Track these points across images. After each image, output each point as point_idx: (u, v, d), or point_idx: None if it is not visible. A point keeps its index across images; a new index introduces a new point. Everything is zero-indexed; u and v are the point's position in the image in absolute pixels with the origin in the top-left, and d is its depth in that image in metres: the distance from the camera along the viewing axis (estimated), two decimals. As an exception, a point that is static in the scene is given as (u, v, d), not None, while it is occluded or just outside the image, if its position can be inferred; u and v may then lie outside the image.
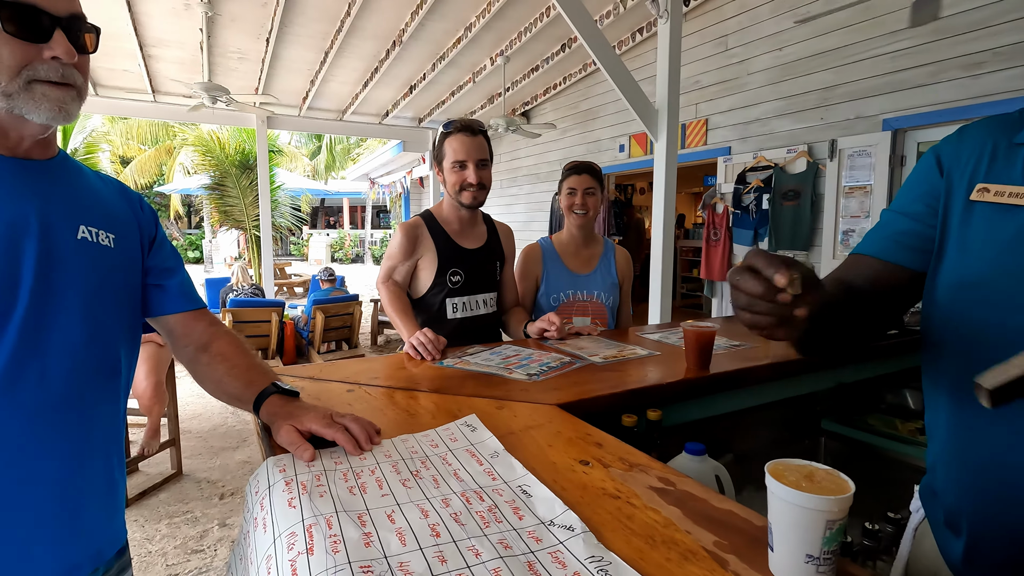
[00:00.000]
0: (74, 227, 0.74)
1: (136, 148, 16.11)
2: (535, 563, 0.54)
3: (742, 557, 0.56)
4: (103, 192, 0.83)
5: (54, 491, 0.72)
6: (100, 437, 0.79)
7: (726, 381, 1.27)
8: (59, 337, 0.72)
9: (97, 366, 0.77)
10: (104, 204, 0.82)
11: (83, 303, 0.74)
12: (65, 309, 0.72)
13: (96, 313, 0.76)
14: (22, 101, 0.66)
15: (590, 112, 6.01)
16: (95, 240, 0.77)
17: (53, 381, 0.71)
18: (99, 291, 0.77)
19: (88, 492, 0.77)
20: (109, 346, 0.79)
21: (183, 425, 3.70)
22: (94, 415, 0.77)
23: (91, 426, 0.77)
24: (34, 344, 0.69)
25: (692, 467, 0.88)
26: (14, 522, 0.68)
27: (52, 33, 0.67)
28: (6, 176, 0.70)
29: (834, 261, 3.66)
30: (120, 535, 0.86)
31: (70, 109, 0.70)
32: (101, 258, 0.77)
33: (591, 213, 1.90)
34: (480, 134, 1.65)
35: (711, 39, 4.47)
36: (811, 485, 0.50)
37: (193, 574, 2.22)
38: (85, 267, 0.75)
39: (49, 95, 0.68)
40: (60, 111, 0.69)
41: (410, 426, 0.91)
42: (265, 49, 5.10)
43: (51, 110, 0.68)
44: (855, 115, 3.52)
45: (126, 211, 0.86)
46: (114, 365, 0.81)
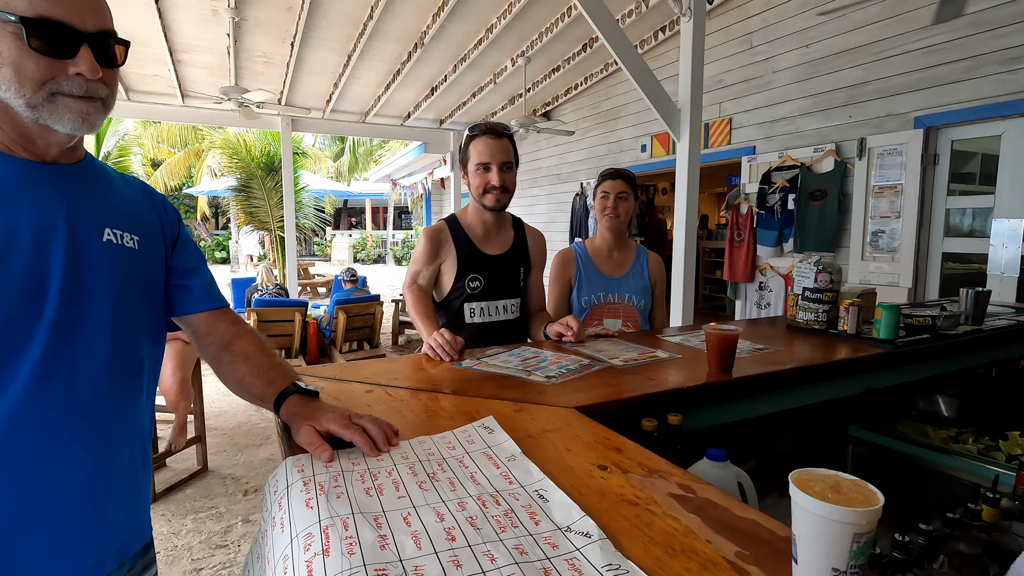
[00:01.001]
0: (100, 230, 0.76)
1: (166, 151, 16.54)
2: (551, 570, 0.54)
3: (765, 569, 0.54)
4: (128, 194, 0.85)
5: (82, 488, 0.73)
6: (126, 435, 0.80)
7: (749, 385, 1.25)
8: (87, 338, 0.73)
9: (123, 365, 0.79)
10: (128, 206, 0.83)
11: (109, 304, 0.76)
12: (92, 310, 0.74)
13: (122, 314, 0.78)
14: (46, 112, 0.68)
15: (611, 112, 5.97)
16: (120, 242, 0.78)
17: (81, 380, 0.72)
18: (125, 292, 0.79)
19: (114, 489, 0.78)
20: (134, 346, 0.81)
21: (209, 422, 3.78)
22: (119, 413, 0.79)
23: (117, 424, 0.78)
24: (63, 344, 0.70)
25: (713, 474, 0.86)
26: (45, 519, 0.70)
27: (78, 49, 0.68)
28: (34, 181, 0.71)
29: (862, 263, 3.57)
30: (145, 531, 0.87)
31: (94, 120, 0.72)
32: (126, 260, 0.79)
33: (623, 217, 1.94)
34: (505, 137, 1.65)
35: (735, 37, 4.40)
36: (838, 496, 0.49)
37: (217, 569, 2.26)
38: (111, 269, 0.76)
39: (72, 107, 0.70)
40: (84, 122, 0.71)
41: (428, 427, 0.91)
42: (290, 53, 5.18)
43: (74, 121, 0.70)
44: (886, 113, 3.43)
45: (150, 212, 0.88)
46: (139, 364, 0.82)
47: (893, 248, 3.44)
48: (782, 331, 1.80)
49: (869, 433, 1.44)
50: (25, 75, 0.66)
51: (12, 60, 0.65)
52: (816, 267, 1.73)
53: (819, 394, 1.41)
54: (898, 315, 1.55)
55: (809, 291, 1.75)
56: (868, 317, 1.71)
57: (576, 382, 1.18)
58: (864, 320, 1.67)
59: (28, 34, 0.64)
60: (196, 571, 2.24)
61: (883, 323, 1.55)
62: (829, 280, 1.73)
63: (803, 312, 1.78)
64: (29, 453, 0.68)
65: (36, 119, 0.68)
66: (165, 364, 2.93)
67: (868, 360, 1.46)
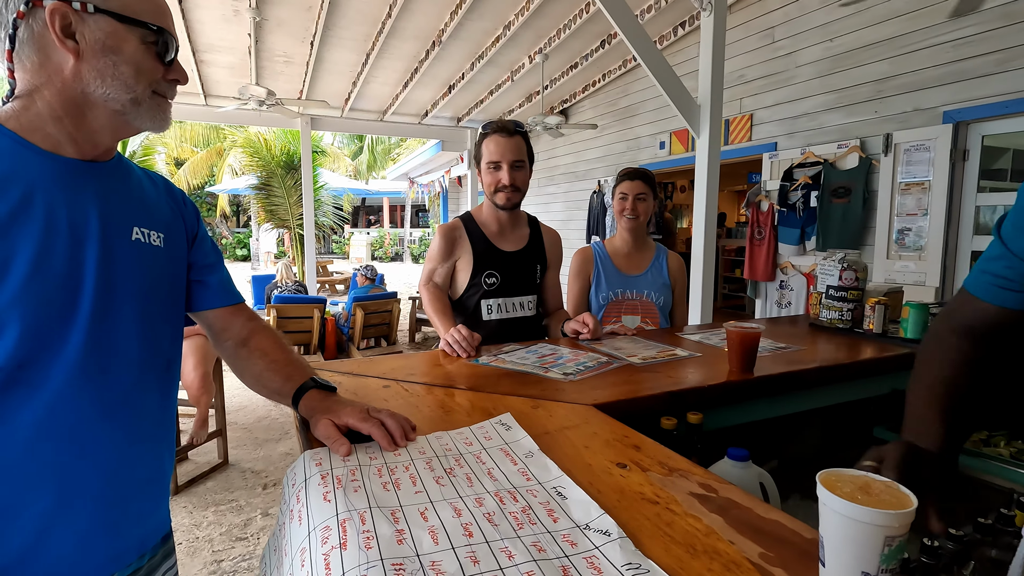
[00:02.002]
0: (128, 229, 0.78)
1: (189, 150, 16.84)
2: (569, 568, 0.53)
3: (790, 571, 0.53)
4: (152, 192, 0.86)
5: (110, 481, 0.75)
6: (151, 429, 0.82)
7: (771, 385, 1.22)
8: (117, 336, 0.75)
9: (150, 361, 0.80)
10: (153, 205, 0.85)
11: (138, 302, 0.78)
12: (122, 309, 0.75)
13: (149, 311, 0.80)
14: (144, 110, 0.75)
15: (629, 109, 5.91)
16: (147, 241, 0.80)
17: (112, 377, 0.74)
18: (152, 290, 0.80)
19: (139, 482, 0.79)
20: (160, 342, 0.83)
21: (229, 417, 3.84)
22: (146, 408, 0.80)
23: (143, 419, 0.80)
24: (96, 343, 0.72)
25: (735, 473, 0.84)
26: (76, 512, 0.71)
27: (175, 59, 0.78)
28: (73, 179, 0.73)
29: (887, 261, 3.49)
30: (165, 523, 0.89)
31: (168, 121, 0.80)
32: (152, 258, 0.81)
33: (642, 218, 1.94)
34: (518, 135, 1.64)
35: (756, 31, 4.32)
36: (867, 498, 0.47)
37: (237, 560, 2.29)
38: (139, 267, 0.78)
39: (163, 108, 0.78)
40: (166, 122, 0.79)
41: (445, 423, 0.91)
42: (309, 52, 5.22)
43: (162, 121, 0.78)
44: (912, 107, 3.34)
45: (172, 209, 0.89)
46: (164, 360, 0.84)
47: (920, 246, 3.35)
48: (804, 330, 1.76)
49: (895, 435, 1.41)
50: (143, 75, 0.73)
51: (135, 61, 0.72)
52: (841, 264, 1.69)
53: (843, 394, 1.37)
54: (927, 314, 1.51)
55: (833, 289, 1.71)
56: (894, 316, 1.67)
57: (594, 379, 1.17)
58: (890, 319, 1.63)
59: (159, 41, 0.74)
60: (217, 563, 2.28)
61: (911, 322, 1.51)
62: (854, 278, 1.69)
63: (827, 311, 1.74)
64: (64, 449, 0.69)
65: (125, 114, 0.74)
66: (187, 359, 2.98)
67: (895, 360, 1.42)
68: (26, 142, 0.69)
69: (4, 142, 0.68)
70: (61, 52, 0.68)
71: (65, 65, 0.69)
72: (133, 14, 0.71)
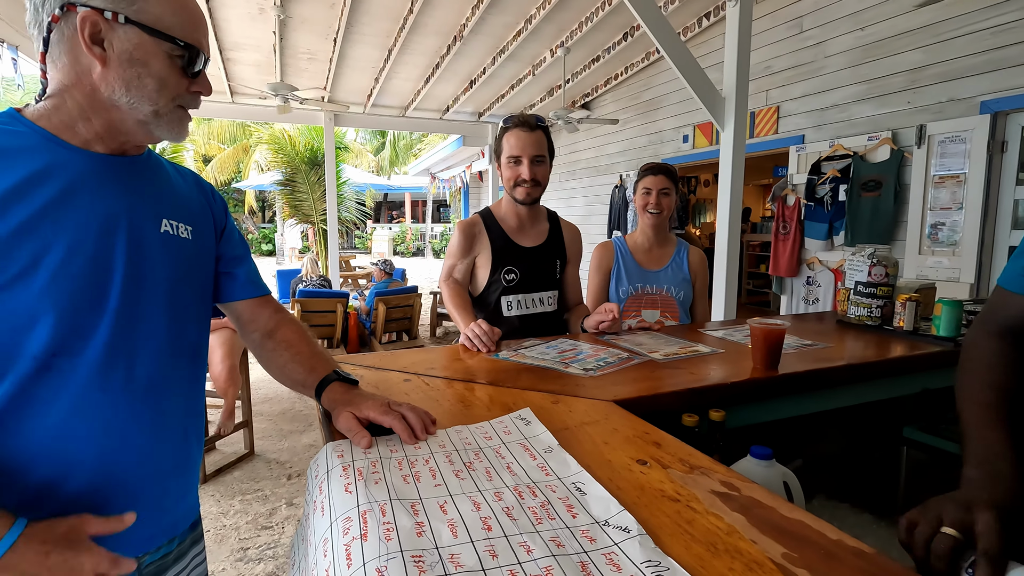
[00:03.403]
0: (158, 221, 0.79)
1: (216, 147, 17.18)
2: (588, 564, 0.53)
3: (814, 572, 0.52)
4: (181, 185, 0.88)
5: (140, 468, 0.77)
6: (179, 418, 0.84)
7: (796, 382, 1.20)
8: (145, 326, 0.77)
9: (177, 351, 0.82)
10: (182, 197, 0.86)
11: (166, 293, 0.79)
12: (151, 300, 0.77)
13: (177, 302, 0.81)
14: (164, 122, 0.75)
15: (653, 102, 5.84)
16: (176, 233, 0.82)
17: (140, 367, 0.76)
18: (180, 281, 0.82)
19: (168, 469, 0.82)
20: (187, 332, 0.85)
21: (255, 408, 3.92)
22: (174, 397, 0.82)
23: (172, 407, 0.82)
24: (125, 333, 0.74)
25: (758, 472, 0.83)
26: (108, 497, 0.73)
27: (201, 72, 0.78)
28: (104, 175, 0.74)
29: (919, 257, 3.39)
30: (194, 509, 0.91)
31: (187, 132, 0.81)
32: (180, 250, 0.82)
33: (664, 213, 1.92)
34: (539, 129, 1.63)
35: (784, 21, 4.22)
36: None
37: (263, 549, 2.35)
38: (167, 259, 0.80)
39: (183, 119, 0.78)
40: (185, 132, 0.80)
41: (464, 417, 0.92)
42: (333, 49, 5.27)
43: (181, 132, 0.79)
44: (947, 98, 3.23)
45: (201, 202, 0.91)
46: (191, 350, 0.86)
47: (954, 241, 3.25)
48: (832, 327, 1.72)
49: (926, 435, 1.37)
50: (167, 89, 0.74)
51: (160, 75, 0.73)
52: (870, 260, 1.65)
53: (872, 393, 1.34)
54: (960, 311, 1.47)
55: (862, 285, 1.67)
56: (926, 313, 1.62)
57: (614, 375, 1.16)
58: (922, 316, 1.58)
59: (187, 57, 0.74)
60: (243, 550, 2.34)
61: (944, 319, 1.47)
62: (884, 274, 1.64)
63: (855, 307, 1.70)
64: (94, 435, 0.72)
65: (147, 123, 0.75)
66: (215, 352, 3.05)
67: (926, 358, 1.38)
68: (58, 139, 0.71)
69: (37, 139, 0.70)
70: (89, 57, 0.70)
71: (93, 69, 0.71)
72: (164, 28, 0.71)
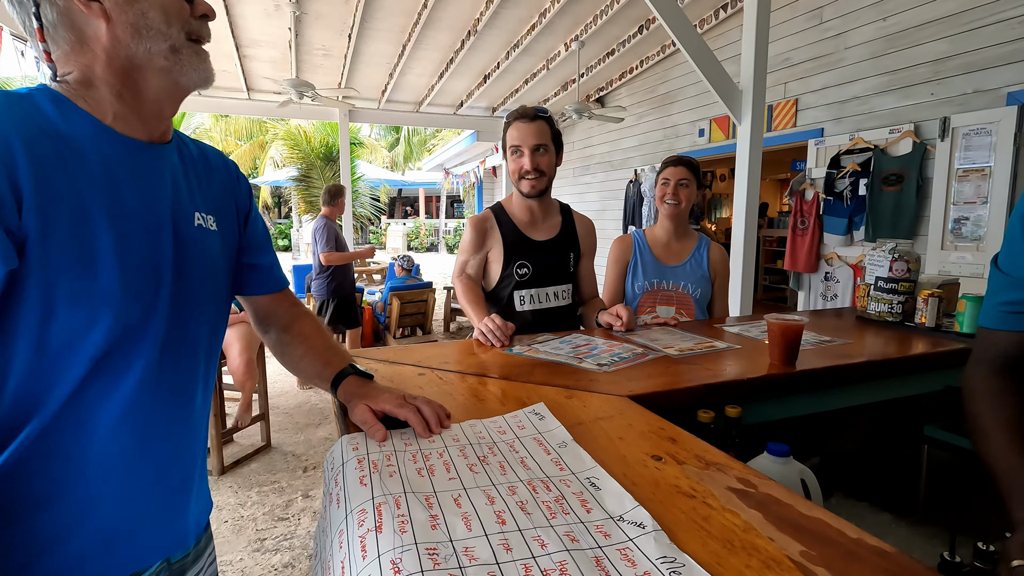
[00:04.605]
0: (191, 215, 0.76)
1: (233, 143, 17.37)
2: (603, 559, 0.52)
3: (833, 571, 0.51)
4: (208, 172, 0.84)
5: (179, 466, 0.76)
6: (201, 411, 0.83)
7: (814, 379, 1.18)
8: (188, 323, 0.75)
9: (212, 348, 0.81)
10: (210, 186, 0.83)
11: (203, 288, 0.77)
12: (192, 295, 0.75)
13: (211, 297, 0.79)
14: (184, 59, 0.70)
15: (668, 96, 5.78)
16: (206, 226, 0.78)
17: (183, 366, 0.75)
18: (213, 275, 0.80)
19: (198, 465, 0.81)
20: (220, 326, 0.84)
21: (272, 401, 3.97)
22: (205, 394, 0.82)
23: (202, 404, 0.81)
24: (172, 331, 0.72)
25: (774, 469, 0.82)
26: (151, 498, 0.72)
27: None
28: (148, 164, 0.71)
29: (942, 252, 3.32)
30: (209, 505, 0.90)
31: (212, 73, 0.74)
32: (211, 243, 0.79)
33: (683, 205, 1.89)
34: (540, 119, 1.61)
35: (803, 12, 4.14)
36: None
37: (279, 540, 2.38)
38: (201, 253, 0.77)
39: (203, 56, 0.72)
40: (210, 73, 0.73)
41: (478, 411, 0.92)
42: (347, 45, 5.29)
43: (206, 72, 0.72)
44: (973, 89, 3.15)
45: (225, 188, 0.86)
46: (216, 348, 0.84)
47: (978, 236, 3.17)
48: (851, 323, 1.70)
49: (948, 434, 1.34)
50: (171, 13, 0.68)
51: (161, 3, 0.67)
52: (891, 255, 1.62)
53: (892, 390, 1.32)
54: (985, 308, 1.43)
55: (883, 281, 1.64)
56: (949, 309, 1.59)
57: (629, 371, 1.16)
58: (945, 313, 1.55)
59: None
60: (260, 540, 2.37)
61: (968, 315, 1.43)
62: (906, 269, 1.61)
63: (875, 303, 1.67)
64: (139, 436, 0.70)
65: (170, 69, 0.69)
66: (232, 345, 3.09)
67: (949, 355, 1.36)
68: (103, 124, 0.67)
69: (87, 124, 0.66)
70: (91, 20, 0.65)
71: (100, 33, 0.65)
72: None
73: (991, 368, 0.79)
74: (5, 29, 3.12)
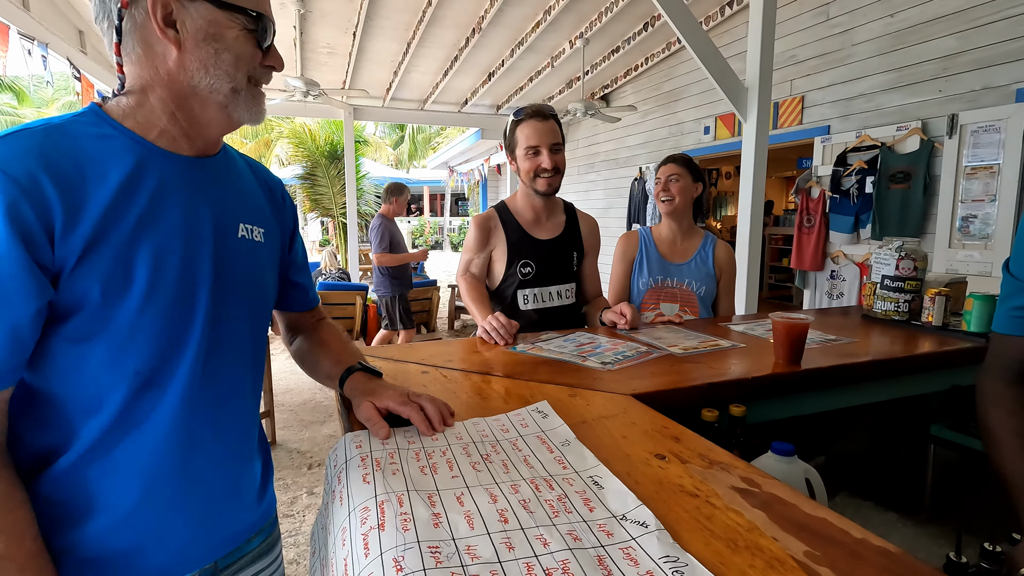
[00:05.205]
0: (235, 225, 0.77)
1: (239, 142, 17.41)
2: (605, 558, 0.52)
3: (837, 571, 0.50)
4: (254, 185, 0.86)
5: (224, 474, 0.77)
6: (251, 421, 0.84)
7: (819, 378, 1.17)
8: (229, 334, 0.76)
9: (254, 357, 0.83)
10: (256, 199, 0.84)
11: (245, 300, 0.78)
12: (233, 307, 0.76)
13: (253, 308, 0.80)
14: (241, 100, 0.73)
15: (673, 93, 5.75)
16: (251, 237, 0.80)
17: (223, 376, 0.75)
18: (256, 287, 0.81)
19: (247, 472, 0.82)
20: (261, 338, 0.84)
21: (277, 399, 3.99)
22: (249, 402, 0.82)
23: (246, 413, 0.81)
24: (212, 342, 0.73)
25: (779, 468, 0.82)
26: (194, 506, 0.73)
27: (271, 45, 0.75)
28: (190, 178, 0.73)
29: (949, 250, 3.30)
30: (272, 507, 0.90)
31: (264, 112, 0.77)
32: (255, 254, 0.80)
33: (677, 200, 1.88)
34: (552, 118, 1.62)
35: (809, 8, 4.11)
36: None
37: (284, 536, 2.39)
38: (245, 264, 0.78)
39: (259, 99, 0.75)
40: (262, 113, 0.76)
41: (481, 410, 0.92)
42: (352, 42, 5.30)
43: (259, 112, 0.75)
44: (982, 86, 3.12)
45: (271, 203, 0.88)
46: (262, 355, 0.86)
47: (986, 235, 3.15)
48: (857, 322, 1.69)
49: (954, 433, 1.33)
50: (243, 62, 0.71)
51: (236, 49, 0.70)
52: (898, 253, 1.61)
53: (898, 390, 1.31)
54: (993, 306, 1.42)
55: (889, 279, 1.63)
56: (956, 308, 1.58)
57: (632, 369, 1.15)
58: (952, 311, 1.54)
59: (259, 26, 0.71)
60: (265, 537, 2.38)
61: (975, 314, 1.42)
62: (912, 267, 1.60)
63: (881, 302, 1.66)
64: (187, 445, 0.71)
65: (226, 105, 0.72)
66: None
67: (956, 355, 1.35)
68: (145, 141, 0.69)
69: (126, 142, 0.67)
70: (164, 43, 0.67)
71: (168, 56, 0.67)
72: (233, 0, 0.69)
73: (1004, 374, 0.79)
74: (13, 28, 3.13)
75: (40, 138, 0.62)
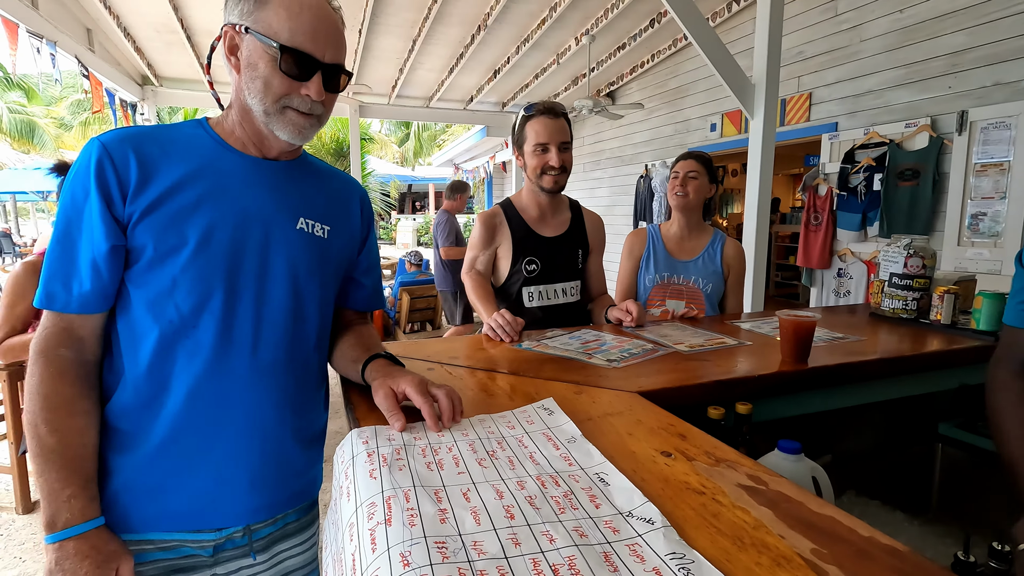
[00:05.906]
0: (295, 219, 0.89)
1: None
2: (611, 554, 0.52)
3: (845, 570, 0.50)
4: (329, 190, 0.97)
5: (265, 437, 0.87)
6: (302, 397, 0.93)
7: (826, 376, 1.17)
8: (269, 312, 0.86)
9: (297, 338, 0.91)
10: (326, 200, 0.95)
11: (291, 283, 0.88)
12: (276, 289, 0.87)
13: (301, 292, 0.90)
14: (274, 120, 0.83)
15: (679, 90, 5.73)
16: (311, 231, 0.91)
17: (263, 349, 0.85)
18: (308, 275, 0.90)
19: (290, 441, 0.91)
20: (308, 322, 0.92)
21: (283, 395, 3.99)
22: (296, 378, 0.91)
23: (294, 387, 0.91)
24: (248, 313, 0.84)
25: (785, 466, 0.81)
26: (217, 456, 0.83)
27: (312, 75, 0.82)
28: (252, 173, 0.86)
29: (958, 248, 3.27)
30: (315, 485, 1.02)
31: (307, 134, 0.86)
32: (313, 246, 0.91)
33: (691, 197, 1.88)
34: (561, 116, 1.62)
35: (817, 4, 4.08)
36: None
37: (290, 532, 2.40)
38: (298, 253, 0.88)
39: (294, 121, 0.84)
40: (299, 134, 0.85)
41: (487, 406, 0.92)
42: (358, 40, 5.30)
43: (293, 133, 0.85)
44: (992, 82, 3.09)
45: (346, 209, 0.99)
46: (311, 339, 0.94)
47: (996, 232, 3.12)
48: (864, 320, 1.68)
49: (963, 432, 1.33)
50: (271, 90, 0.81)
51: (265, 76, 0.80)
52: (906, 251, 1.60)
53: (906, 388, 1.30)
54: (1003, 305, 1.41)
55: (897, 277, 1.62)
56: (965, 306, 1.57)
57: (638, 366, 1.15)
58: (961, 310, 1.53)
59: (282, 59, 0.79)
60: (272, 533, 2.40)
61: (984, 313, 1.41)
62: (921, 265, 1.59)
63: (889, 300, 1.65)
64: (217, 401, 0.82)
65: (266, 124, 0.84)
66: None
67: (965, 353, 1.34)
68: (223, 142, 0.86)
69: (208, 141, 0.86)
70: (231, 67, 0.83)
71: (234, 79, 0.84)
72: (271, 34, 0.78)
73: (1014, 366, 0.79)
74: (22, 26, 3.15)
75: (142, 130, 0.82)
